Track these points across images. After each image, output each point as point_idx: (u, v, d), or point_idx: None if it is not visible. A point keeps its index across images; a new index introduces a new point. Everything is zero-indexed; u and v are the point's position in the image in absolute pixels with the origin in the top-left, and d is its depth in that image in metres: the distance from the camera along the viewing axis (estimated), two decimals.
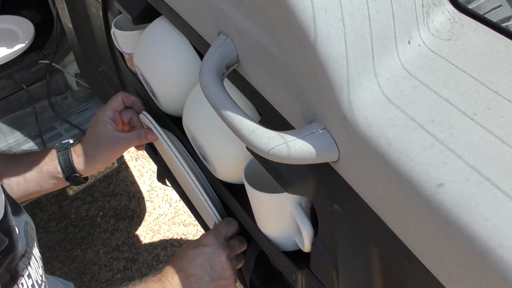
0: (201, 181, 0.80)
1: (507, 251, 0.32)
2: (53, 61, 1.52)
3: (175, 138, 0.85)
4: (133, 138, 0.84)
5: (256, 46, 0.51)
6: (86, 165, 0.84)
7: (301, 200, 0.62)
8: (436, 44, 0.43)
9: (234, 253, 0.78)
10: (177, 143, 0.84)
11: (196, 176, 0.79)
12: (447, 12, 0.44)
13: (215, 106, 0.49)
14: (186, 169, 0.77)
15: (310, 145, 0.44)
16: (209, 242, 0.76)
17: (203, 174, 0.82)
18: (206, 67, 0.53)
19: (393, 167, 0.39)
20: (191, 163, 0.82)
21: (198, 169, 0.82)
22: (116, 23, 0.92)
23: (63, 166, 0.82)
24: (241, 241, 0.80)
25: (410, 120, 0.39)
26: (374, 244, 0.47)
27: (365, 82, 0.41)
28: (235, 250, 0.79)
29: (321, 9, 0.40)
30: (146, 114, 0.83)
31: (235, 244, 0.79)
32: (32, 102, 1.52)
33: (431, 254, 0.39)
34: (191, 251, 0.76)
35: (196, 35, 0.64)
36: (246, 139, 0.45)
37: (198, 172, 0.82)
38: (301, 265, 0.67)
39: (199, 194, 0.78)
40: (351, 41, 0.41)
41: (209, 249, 0.75)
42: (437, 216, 0.36)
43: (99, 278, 1.61)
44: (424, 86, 0.41)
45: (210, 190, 0.82)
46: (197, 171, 0.82)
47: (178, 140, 0.85)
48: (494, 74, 0.40)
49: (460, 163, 0.36)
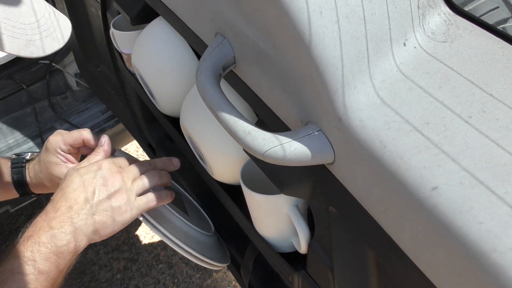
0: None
1: (500, 255, 0.32)
2: (53, 61, 1.52)
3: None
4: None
5: (253, 48, 0.51)
6: (39, 190, 0.81)
7: (297, 201, 0.62)
8: (432, 46, 0.43)
9: (141, 183, 0.69)
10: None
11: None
12: (443, 14, 0.44)
13: (211, 107, 0.49)
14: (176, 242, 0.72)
15: (305, 147, 0.44)
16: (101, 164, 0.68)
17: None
18: (202, 68, 0.53)
19: (387, 170, 0.39)
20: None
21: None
22: (114, 24, 0.92)
23: (16, 184, 0.80)
24: (159, 176, 0.72)
25: (404, 122, 0.39)
26: (369, 247, 0.47)
27: (360, 84, 0.41)
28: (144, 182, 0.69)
29: (316, 11, 0.40)
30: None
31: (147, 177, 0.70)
32: (32, 102, 1.52)
33: (425, 257, 0.39)
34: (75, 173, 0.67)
35: (194, 36, 0.64)
36: (242, 140, 0.45)
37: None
38: (297, 266, 0.66)
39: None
40: (346, 43, 0.41)
41: (100, 172, 0.67)
42: (431, 219, 0.36)
43: (99, 278, 1.61)
44: (419, 89, 0.41)
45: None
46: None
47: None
48: (489, 76, 0.40)
49: (454, 166, 0.36)
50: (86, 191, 0.65)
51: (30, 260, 0.60)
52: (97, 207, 0.64)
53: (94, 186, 0.66)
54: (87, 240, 0.64)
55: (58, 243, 0.61)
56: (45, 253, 0.61)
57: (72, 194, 0.65)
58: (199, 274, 1.63)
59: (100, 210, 0.64)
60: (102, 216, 0.64)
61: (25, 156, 0.81)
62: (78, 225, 0.63)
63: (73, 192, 0.65)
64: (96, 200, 0.65)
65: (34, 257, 0.60)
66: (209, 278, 1.62)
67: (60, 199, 0.65)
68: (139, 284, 1.59)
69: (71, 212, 0.63)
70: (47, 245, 0.61)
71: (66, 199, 0.64)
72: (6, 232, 1.71)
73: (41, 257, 0.60)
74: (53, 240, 0.61)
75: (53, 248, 0.61)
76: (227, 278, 1.62)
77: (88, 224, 0.64)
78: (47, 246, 0.61)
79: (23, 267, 0.59)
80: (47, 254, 0.61)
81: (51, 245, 0.61)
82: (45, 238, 0.61)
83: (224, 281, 1.61)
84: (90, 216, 0.64)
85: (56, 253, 0.61)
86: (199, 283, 1.61)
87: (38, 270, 0.60)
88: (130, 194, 0.67)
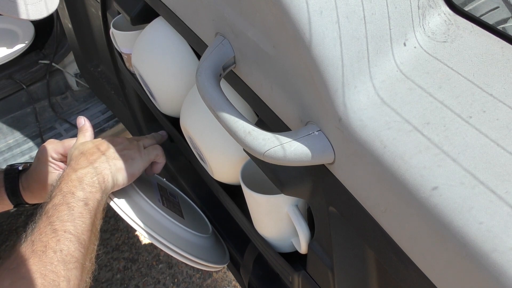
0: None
1: (500, 255, 0.32)
2: (53, 61, 1.52)
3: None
4: None
5: (253, 48, 0.51)
6: (34, 199, 0.82)
7: (297, 201, 0.62)
8: (432, 46, 0.43)
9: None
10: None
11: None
12: (443, 14, 0.44)
13: (211, 107, 0.49)
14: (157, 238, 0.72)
15: (305, 147, 0.44)
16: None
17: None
18: (202, 68, 0.53)
19: (387, 170, 0.39)
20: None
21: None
22: (114, 24, 0.92)
23: (10, 195, 0.80)
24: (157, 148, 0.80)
25: (405, 122, 0.39)
26: (369, 247, 0.47)
27: (360, 84, 0.41)
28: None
29: (316, 11, 0.40)
30: (114, 201, 0.73)
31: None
32: (32, 102, 1.52)
33: (425, 257, 0.39)
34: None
35: (194, 36, 0.64)
36: (242, 140, 0.45)
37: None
38: (297, 266, 0.66)
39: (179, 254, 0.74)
40: (346, 43, 0.41)
41: (105, 139, 0.75)
42: (431, 219, 0.36)
43: (99, 278, 1.61)
44: (419, 89, 0.41)
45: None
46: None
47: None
48: (489, 76, 0.40)
49: (454, 166, 0.36)
50: (99, 149, 0.72)
51: (69, 193, 0.65)
52: (114, 155, 0.72)
53: (107, 145, 0.73)
54: (111, 178, 0.70)
55: (87, 178, 0.67)
56: (79, 185, 0.66)
57: (86, 152, 0.71)
58: (199, 274, 1.63)
59: (116, 157, 0.72)
60: (119, 161, 0.72)
61: (18, 166, 0.83)
62: (100, 166, 0.69)
63: (87, 151, 0.72)
64: (111, 151, 0.72)
65: (71, 189, 0.65)
66: (209, 278, 1.62)
67: (76, 159, 0.71)
68: (139, 284, 1.59)
69: (90, 159, 0.70)
70: (79, 180, 0.67)
71: (80, 158, 0.71)
72: (6, 232, 1.71)
73: (78, 188, 0.66)
74: (83, 177, 0.67)
75: (86, 181, 0.67)
76: (227, 278, 1.62)
77: (109, 165, 0.70)
78: (79, 181, 0.67)
79: (64, 198, 0.65)
80: (82, 185, 0.66)
81: (82, 180, 0.67)
82: (74, 176, 0.67)
83: (224, 281, 1.61)
84: (110, 160, 0.71)
85: (89, 184, 0.67)
86: (199, 283, 1.61)
87: (78, 198, 0.65)
88: (138, 145, 0.76)
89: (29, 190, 0.80)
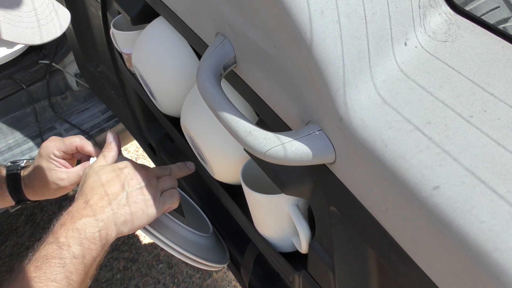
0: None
1: (502, 254, 0.32)
2: (53, 61, 1.52)
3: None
4: (80, 173, 0.78)
5: (253, 47, 0.51)
6: (35, 197, 0.81)
7: (298, 201, 0.62)
8: (433, 46, 0.43)
9: (163, 182, 0.72)
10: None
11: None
12: (443, 13, 0.44)
13: (211, 107, 0.49)
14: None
15: (306, 147, 0.44)
16: (125, 164, 0.70)
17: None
18: (203, 68, 0.53)
19: (389, 169, 0.39)
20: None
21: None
22: (115, 23, 0.92)
23: (12, 192, 0.80)
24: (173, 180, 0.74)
25: (406, 122, 0.39)
26: (370, 246, 0.47)
27: (361, 84, 0.41)
28: (164, 183, 0.72)
29: (317, 10, 0.40)
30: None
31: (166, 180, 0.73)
32: (32, 102, 1.52)
33: (426, 257, 0.39)
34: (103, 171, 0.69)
35: (194, 36, 0.64)
36: (243, 140, 0.45)
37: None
38: (298, 266, 0.66)
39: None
40: (347, 43, 0.41)
41: (125, 170, 0.69)
42: (432, 219, 0.36)
43: (99, 278, 1.61)
44: (420, 88, 0.41)
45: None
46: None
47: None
48: (490, 76, 0.40)
49: (455, 165, 0.36)
50: (116, 185, 0.67)
51: (65, 245, 0.61)
52: (128, 199, 0.67)
53: (123, 181, 0.68)
54: (116, 231, 0.65)
55: (91, 229, 0.63)
56: (79, 238, 0.62)
57: (100, 188, 0.67)
58: (199, 274, 1.63)
59: (131, 202, 0.67)
60: (133, 208, 0.66)
61: (20, 163, 0.82)
62: (109, 214, 0.65)
63: (102, 186, 0.67)
64: (126, 193, 0.67)
65: (68, 242, 0.62)
66: (209, 278, 1.62)
67: (89, 192, 0.66)
68: (139, 284, 1.59)
69: (102, 202, 0.65)
70: (81, 232, 0.62)
71: (95, 193, 0.66)
72: (6, 232, 1.71)
73: (75, 242, 0.62)
74: (87, 226, 0.63)
75: (87, 234, 0.62)
76: (227, 278, 1.62)
77: (119, 214, 0.65)
78: (81, 232, 0.62)
79: (58, 252, 0.61)
80: (81, 239, 0.62)
81: (84, 231, 0.62)
82: (78, 224, 0.62)
83: (224, 281, 1.61)
84: (122, 207, 0.66)
85: (89, 239, 0.63)
86: (199, 283, 1.61)
87: (72, 255, 0.61)
88: (157, 189, 0.70)
89: (31, 187, 0.80)
